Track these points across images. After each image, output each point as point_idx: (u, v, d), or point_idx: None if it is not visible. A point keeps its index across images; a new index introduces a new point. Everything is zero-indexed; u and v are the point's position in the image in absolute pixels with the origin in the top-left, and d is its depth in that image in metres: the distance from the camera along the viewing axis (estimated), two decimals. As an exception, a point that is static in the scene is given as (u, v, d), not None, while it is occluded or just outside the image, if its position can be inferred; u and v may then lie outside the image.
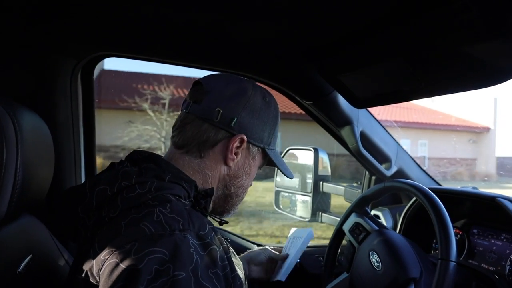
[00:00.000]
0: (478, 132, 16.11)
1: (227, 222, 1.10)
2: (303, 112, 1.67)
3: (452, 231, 0.99)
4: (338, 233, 1.34)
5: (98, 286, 0.69)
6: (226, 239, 0.91)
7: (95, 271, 0.70)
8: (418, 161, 1.78)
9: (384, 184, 1.26)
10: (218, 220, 1.01)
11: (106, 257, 0.69)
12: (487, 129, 15.95)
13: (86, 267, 0.73)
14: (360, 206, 1.33)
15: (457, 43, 0.89)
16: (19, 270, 0.86)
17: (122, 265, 0.66)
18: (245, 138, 0.93)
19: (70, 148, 1.34)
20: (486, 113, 15.81)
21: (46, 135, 0.98)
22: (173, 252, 0.68)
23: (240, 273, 0.85)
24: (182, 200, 0.83)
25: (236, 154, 0.95)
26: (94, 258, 0.71)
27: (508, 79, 0.92)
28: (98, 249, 0.72)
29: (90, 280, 0.71)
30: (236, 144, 0.93)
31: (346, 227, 1.31)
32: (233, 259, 0.83)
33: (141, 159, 0.90)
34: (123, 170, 0.83)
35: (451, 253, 0.95)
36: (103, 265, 0.68)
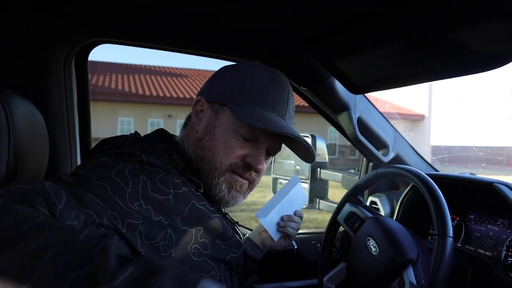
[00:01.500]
0: (413, 120, 15.63)
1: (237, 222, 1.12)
2: (300, 104, 1.66)
3: (446, 207, 0.99)
4: (333, 224, 1.34)
5: None
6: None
7: None
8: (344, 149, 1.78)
9: (377, 171, 1.26)
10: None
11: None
12: (421, 117, 15.51)
13: None
14: (353, 195, 1.32)
15: (453, 27, 0.88)
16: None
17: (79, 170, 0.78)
18: (202, 98, 0.96)
19: (65, 136, 1.33)
20: (421, 100, 15.42)
21: (39, 123, 0.97)
22: (114, 154, 0.81)
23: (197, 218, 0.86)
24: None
25: (200, 117, 0.96)
26: None
27: (506, 63, 0.90)
28: None
29: None
30: (197, 107, 0.96)
31: (341, 218, 1.30)
32: (198, 207, 0.87)
33: (153, 132, 0.99)
34: (126, 135, 0.93)
35: (447, 229, 0.95)
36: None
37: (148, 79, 17.54)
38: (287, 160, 2.13)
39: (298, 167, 2.03)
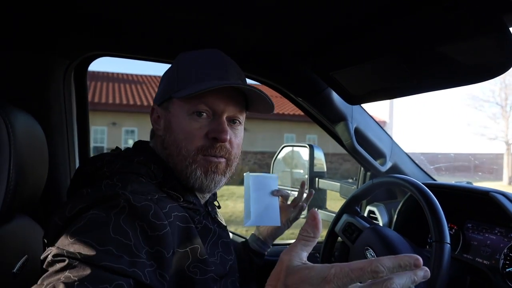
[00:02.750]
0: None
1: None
2: (296, 113, 1.67)
3: (442, 214, 0.99)
4: (331, 235, 1.34)
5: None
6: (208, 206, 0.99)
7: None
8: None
9: (373, 181, 1.27)
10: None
11: (51, 219, 0.76)
12: (383, 123, 15.58)
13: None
14: (350, 206, 1.33)
15: (442, 41, 0.90)
16: (14, 270, 0.86)
17: (59, 223, 0.73)
18: (155, 106, 0.98)
19: (64, 149, 1.34)
20: (382, 106, 15.36)
21: (39, 136, 0.98)
22: (98, 199, 0.74)
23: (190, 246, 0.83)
24: (145, 179, 0.85)
25: (159, 123, 0.96)
26: None
27: (500, 73, 0.92)
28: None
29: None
30: (154, 116, 0.98)
31: (338, 228, 1.31)
32: (206, 224, 0.89)
33: (133, 145, 1.00)
34: (105, 153, 0.92)
35: (444, 235, 0.96)
36: (50, 226, 0.75)
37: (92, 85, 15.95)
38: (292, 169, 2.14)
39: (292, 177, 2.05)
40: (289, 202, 1.28)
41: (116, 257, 0.67)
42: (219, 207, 1.11)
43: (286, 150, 2.17)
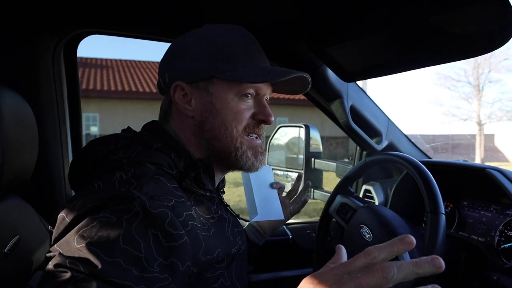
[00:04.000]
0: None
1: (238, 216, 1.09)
2: (291, 97, 1.65)
3: (436, 185, 0.99)
4: (325, 217, 1.34)
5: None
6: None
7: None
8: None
9: (365, 160, 1.26)
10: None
11: (60, 212, 0.71)
12: None
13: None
14: (344, 187, 1.32)
15: (434, 11, 0.87)
16: (5, 250, 0.85)
17: (67, 219, 0.69)
18: (180, 83, 0.89)
19: (56, 129, 1.32)
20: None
21: (28, 115, 0.96)
22: (111, 199, 0.69)
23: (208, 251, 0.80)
24: (165, 169, 0.81)
25: (188, 102, 0.90)
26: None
27: (501, 44, 0.90)
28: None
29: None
30: (178, 94, 0.90)
31: (332, 210, 1.30)
32: (203, 235, 0.80)
33: (144, 127, 0.94)
34: (118, 134, 0.87)
35: (438, 206, 0.95)
36: (58, 218, 0.71)
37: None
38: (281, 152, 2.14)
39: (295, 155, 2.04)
40: (284, 194, 1.28)
41: (124, 270, 0.63)
42: (223, 192, 1.09)
43: (282, 130, 2.15)
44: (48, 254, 0.68)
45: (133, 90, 15.27)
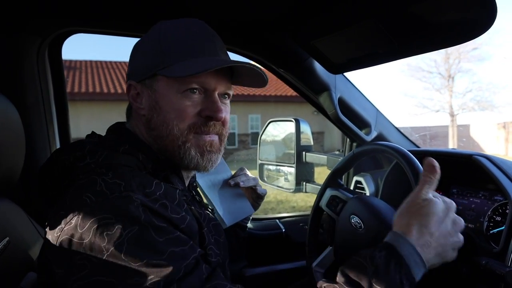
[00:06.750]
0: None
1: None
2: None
3: (420, 166, 1.00)
4: (316, 211, 1.34)
5: (55, 259, 0.71)
6: (192, 191, 0.98)
7: (52, 248, 0.71)
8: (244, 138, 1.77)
9: (354, 151, 1.26)
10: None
11: (58, 234, 0.69)
12: None
13: (46, 237, 0.73)
14: (333, 180, 1.32)
15: (425, 0, 0.88)
16: (-5, 253, 0.84)
17: (75, 240, 0.67)
18: (132, 82, 0.89)
19: (43, 130, 1.31)
20: None
21: (13, 117, 0.95)
22: (116, 213, 0.68)
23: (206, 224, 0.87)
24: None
25: (139, 101, 0.89)
26: (49, 230, 0.72)
27: (480, 33, 0.91)
28: (52, 218, 0.73)
29: (48, 254, 0.73)
30: (132, 92, 0.90)
31: (323, 203, 1.30)
32: (196, 210, 0.86)
33: (109, 130, 0.92)
34: (83, 140, 0.85)
35: None
36: (58, 241, 0.69)
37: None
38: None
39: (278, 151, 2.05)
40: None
41: (183, 256, 0.70)
42: (196, 189, 1.08)
43: (272, 125, 2.15)
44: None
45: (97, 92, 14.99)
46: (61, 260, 0.69)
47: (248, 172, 1.26)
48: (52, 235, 0.70)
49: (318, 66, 1.49)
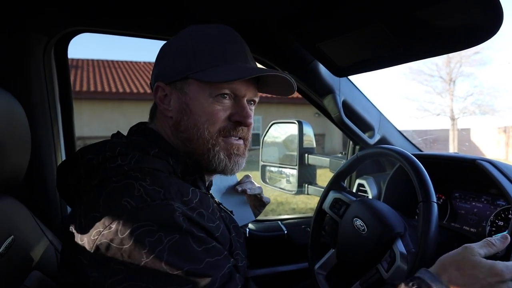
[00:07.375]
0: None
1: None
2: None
3: (426, 174, 1.00)
4: (319, 214, 1.34)
5: (90, 262, 0.70)
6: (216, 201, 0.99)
7: (87, 251, 0.70)
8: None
9: (357, 154, 1.26)
10: None
11: (96, 237, 0.69)
12: None
13: (78, 239, 0.72)
14: (336, 182, 1.33)
15: (420, 5, 0.88)
16: (0, 251, 0.84)
17: (114, 245, 0.67)
18: (161, 83, 0.91)
19: (48, 128, 1.31)
20: None
21: (20, 115, 0.96)
22: (159, 221, 0.69)
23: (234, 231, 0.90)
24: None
25: (167, 103, 0.91)
26: (82, 232, 0.72)
27: (486, 39, 0.91)
28: (83, 218, 0.73)
29: (82, 256, 0.71)
30: (159, 95, 0.91)
31: (326, 206, 1.31)
32: (224, 219, 0.88)
33: (135, 131, 0.92)
34: (111, 141, 0.85)
35: (430, 194, 0.96)
36: (95, 245, 0.69)
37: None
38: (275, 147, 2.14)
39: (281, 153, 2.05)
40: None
41: (219, 266, 0.72)
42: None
43: (275, 127, 2.16)
44: None
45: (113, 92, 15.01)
46: (97, 263, 0.69)
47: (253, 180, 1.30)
48: (88, 238, 0.70)
49: (322, 69, 1.49)
